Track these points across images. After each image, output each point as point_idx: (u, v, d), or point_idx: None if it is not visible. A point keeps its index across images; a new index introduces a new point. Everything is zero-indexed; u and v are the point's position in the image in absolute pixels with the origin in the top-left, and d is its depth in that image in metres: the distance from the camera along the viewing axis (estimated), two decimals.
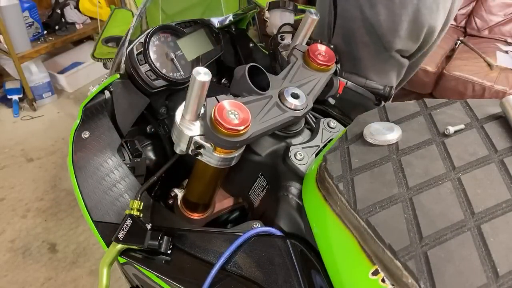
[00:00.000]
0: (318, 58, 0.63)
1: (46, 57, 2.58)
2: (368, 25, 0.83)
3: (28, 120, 2.27)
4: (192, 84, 0.43)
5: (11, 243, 1.58)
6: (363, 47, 0.88)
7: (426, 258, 0.34)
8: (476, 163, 0.41)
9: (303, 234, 0.52)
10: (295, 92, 0.55)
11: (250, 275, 0.49)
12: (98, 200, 0.59)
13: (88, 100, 0.67)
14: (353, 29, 0.86)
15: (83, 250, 1.57)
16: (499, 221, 0.36)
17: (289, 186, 0.55)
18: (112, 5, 2.36)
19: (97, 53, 1.28)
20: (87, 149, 0.63)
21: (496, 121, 0.46)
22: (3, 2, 1.94)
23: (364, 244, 0.38)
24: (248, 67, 0.53)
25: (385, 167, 0.43)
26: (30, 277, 1.46)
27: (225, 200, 0.72)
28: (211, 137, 0.46)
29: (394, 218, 0.37)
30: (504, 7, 2.49)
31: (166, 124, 0.80)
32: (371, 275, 0.37)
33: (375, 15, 0.81)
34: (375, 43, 0.86)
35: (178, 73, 0.74)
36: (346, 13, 0.85)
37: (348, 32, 0.87)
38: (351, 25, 0.85)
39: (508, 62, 2.21)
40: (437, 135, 0.45)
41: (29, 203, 1.75)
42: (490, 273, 0.32)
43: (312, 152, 0.58)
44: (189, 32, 0.78)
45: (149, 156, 0.76)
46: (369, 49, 0.88)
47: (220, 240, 0.53)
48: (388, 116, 0.50)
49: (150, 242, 0.52)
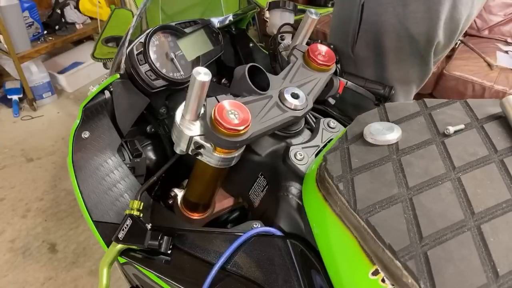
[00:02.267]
0: (318, 58, 0.63)
1: (46, 57, 2.58)
2: (400, 27, 0.79)
3: (28, 120, 2.27)
4: (192, 84, 0.43)
5: (11, 243, 1.58)
6: (389, 53, 0.85)
7: (426, 258, 0.34)
8: (476, 163, 0.41)
9: (303, 234, 0.52)
10: (295, 92, 0.55)
11: (250, 275, 0.49)
12: (98, 200, 0.59)
13: (88, 100, 0.67)
14: (381, 33, 0.82)
15: (83, 250, 1.57)
16: (499, 221, 0.36)
17: (289, 186, 0.55)
18: (112, 5, 2.36)
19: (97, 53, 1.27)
20: (87, 149, 0.63)
21: (496, 121, 0.46)
22: (3, 2, 1.94)
23: (364, 244, 0.38)
24: (248, 67, 0.53)
25: (385, 167, 0.43)
26: (30, 277, 1.46)
27: (225, 200, 0.72)
28: (211, 137, 0.46)
29: (394, 218, 0.37)
30: (504, 7, 2.49)
31: (166, 124, 0.80)
32: (371, 275, 0.37)
33: (411, 13, 0.77)
34: (404, 48, 0.83)
35: (178, 73, 0.74)
36: (374, 17, 0.82)
37: (375, 37, 0.84)
38: (379, 29, 0.82)
39: (508, 62, 2.20)
40: (437, 135, 0.45)
41: (29, 203, 1.75)
42: (490, 273, 0.32)
43: (312, 152, 0.58)
44: (189, 32, 0.78)
45: (149, 156, 0.76)
46: (396, 55, 0.84)
47: (220, 240, 0.53)
48: (388, 116, 0.50)
49: (150, 242, 0.52)
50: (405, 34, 0.80)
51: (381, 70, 0.88)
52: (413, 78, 0.92)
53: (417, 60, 0.86)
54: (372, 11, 0.82)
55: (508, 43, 2.47)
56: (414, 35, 0.80)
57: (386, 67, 0.87)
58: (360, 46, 0.87)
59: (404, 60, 0.86)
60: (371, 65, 0.89)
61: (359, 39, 0.87)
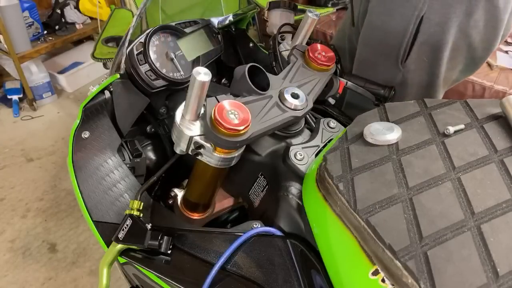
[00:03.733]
0: (318, 58, 0.63)
1: (46, 57, 2.58)
2: (461, 36, 0.79)
3: (28, 120, 2.27)
4: (192, 84, 0.43)
5: (11, 243, 1.58)
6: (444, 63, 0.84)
7: (426, 258, 0.34)
8: (476, 163, 0.41)
9: (303, 234, 0.52)
10: (295, 92, 0.55)
11: (250, 275, 0.49)
12: (98, 200, 0.59)
13: (88, 100, 0.67)
14: (440, 44, 0.81)
15: (83, 250, 1.57)
16: (499, 221, 0.36)
17: (289, 186, 0.55)
18: (112, 5, 2.36)
19: (97, 53, 1.27)
20: (87, 149, 0.63)
21: (496, 121, 0.46)
22: (3, 2, 1.94)
23: (364, 244, 0.38)
24: (248, 67, 0.53)
25: (385, 167, 0.43)
26: (30, 277, 1.46)
27: (225, 200, 0.72)
28: (211, 137, 0.46)
29: (394, 218, 0.37)
30: None
31: (166, 124, 0.80)
32: (371, 275, 0.37)
33: (474, 22, 0.77)
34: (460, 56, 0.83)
35: (178, 73, 0.74)
36: (436, 28, 0.80)
37: (432, 49, 0.82)
38: (439, 41, 0.80)
39: (508, 62, 2.20)
40: (437, 135, 0.45)
41: (29, 203, 1.75)
42: (490, 273, 0.32)
43: (312, 152, 0.58)
44: (189, 32, 0.78)
45: (149, 156, 0.76)
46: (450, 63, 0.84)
47: (220, 240, 0.53)
48: (388, 116, 0.50)
49: (150, 242, 0.52)
50: (464, 43, 0.81)
51: (432, 80, 0.87)
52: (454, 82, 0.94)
53: (469, 65, 0.87)
54: (433, 22, 0.80)
55: (508, 43, 2.47)
56: (474, 43, 0.81)
57: (438, 75, 0.86)
58: (413, 59, 0.85)
59: (456, 67, 0.87)
60: (420, 77, 0.88)
61: (413, 52, 0.85)
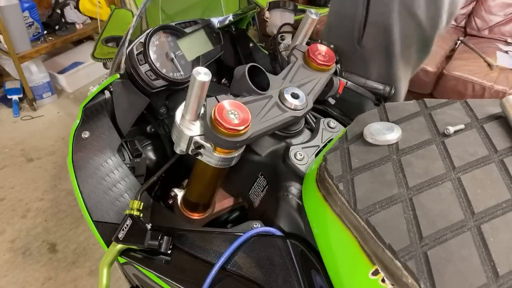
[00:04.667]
0: (318, 58, 0.63)
1: (46, 57, 2.58)
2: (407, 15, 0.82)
3: (28, 120, 2.27)
4: (192, 84, 0.43)
5: (11, 243, 1.58)
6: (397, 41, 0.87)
7: (426, 258, 0.34)
8: (476, 163, 0.41)
9: (303, 234, 0.52)
10: (295, 92, 0.55)
11: (250, 275, 0.49)
12: (98, 200, 0.59)
13: (88, 100, 0.67)
14: (389, 23, 0.84)
15: (83, 250, 1.57)
16: (499, 221, 0.36)
17: (289, 186, 0.55)
18: (112, 5, 2.36)
19: (97, 53, 1.27)
20: (87, 149, 0.63)
21: (496, 121, 0.46)
22: (3, 2, 1.93)
23: (364, 244, 0.38)
24: (248, 67, 0.53)
25: (385, 167, 0.43)
26: (30, 277, 1.46)
27: (225, 200, 0.72)
28: (211, 137, 0.46)
29: (394, 218, 0.37)
30: (504, 7, 2.49)
31: (166, 124, 0.80)
32: (371, 275, 0.37)
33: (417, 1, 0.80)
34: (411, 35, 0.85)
35: (178, 73, 0.74)
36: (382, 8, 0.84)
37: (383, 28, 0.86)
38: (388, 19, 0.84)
39: (508, 62, 2.20)
40: (437, 135, 0.45)
41: (29, 203, 1.75)
42: (490, 273, 0.32)
43: (312, 152, 0.58)
44: (189, 32, 0.78)
45: (149, 156, 0.76)
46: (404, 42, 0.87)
47: (220, 240, 0.53)
48: (388, 116, 0.50)
49: (150, 242, 0.52)
50: (412, 21, 0.83)
51: (389, 58, 0.91)
52: (416, 62, 0.96)
53: (422, 44, 0.89)
54: (380, 3, 0.84)
55: (508, 43, 2.47)
56: (421, 21, 0.83)
57: (394, 54, 0.90)
58: (368, 39, 0.89)
59: (411, 45, 0.89)
60: (378, 55, 0.91)
61: (367, 32, 0.88)
